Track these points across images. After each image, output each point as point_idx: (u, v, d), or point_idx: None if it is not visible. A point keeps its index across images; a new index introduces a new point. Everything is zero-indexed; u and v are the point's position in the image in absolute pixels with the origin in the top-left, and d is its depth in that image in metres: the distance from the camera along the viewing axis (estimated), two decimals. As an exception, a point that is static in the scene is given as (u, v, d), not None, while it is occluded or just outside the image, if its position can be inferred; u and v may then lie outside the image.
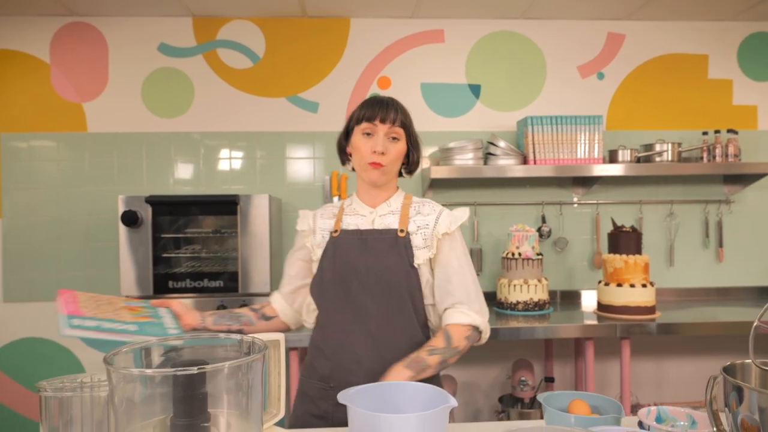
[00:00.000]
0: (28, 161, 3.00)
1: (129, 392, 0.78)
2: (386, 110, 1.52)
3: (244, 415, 0.84)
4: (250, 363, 0.82)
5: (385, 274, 1.49)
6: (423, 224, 1.57)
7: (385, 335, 1.49)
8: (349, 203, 1.65)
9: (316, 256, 1.58)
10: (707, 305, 2.97)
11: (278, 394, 0.94)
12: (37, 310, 3.00)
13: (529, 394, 2.73)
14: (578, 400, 1.22)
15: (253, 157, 3.07)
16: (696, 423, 1.17)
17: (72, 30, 3.02)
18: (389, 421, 0.99)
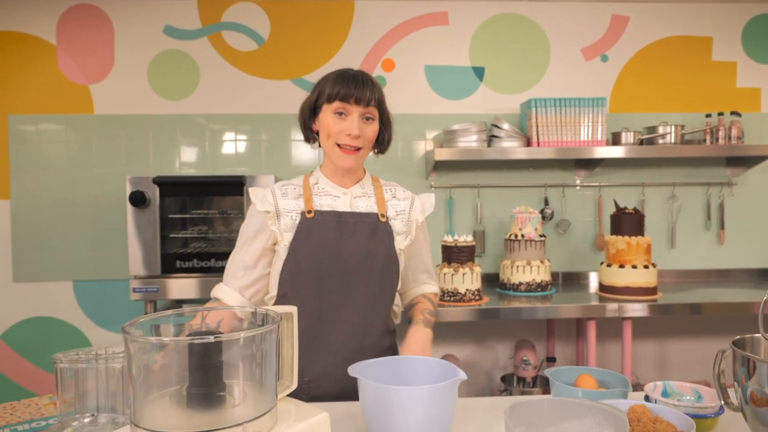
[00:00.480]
0: (35, 143, 2.99)
1: (146, 361, 0.78)
2: (362, 89, 1.40)
3: (258, 386, 0.84)
4: (264, 334, 0.82)
5: (367, 259, 1.43)
6: (400, 209, 1.54)
7: (364, 322, 1.44)
8: (314, 181, 1.53)
9: (286, 241, 1.43)
10: (708, 287, 2.96)
11: (291, 366, 0.95)
12: (45, 289, 3.01)
13: (531, 373, 2.74)
14: (585, 375, 1.23)
15: (258, 139, 3.06)
16: (702, 397, 1.18)
17: (78, 12, 2.99)
18: (400, 394, 1.00)
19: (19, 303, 3.01)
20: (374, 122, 1.46)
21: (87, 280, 3.01)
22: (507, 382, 2.80)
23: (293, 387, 0.94)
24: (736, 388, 0.96)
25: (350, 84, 1.40)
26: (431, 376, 1.13)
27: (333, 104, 1.41)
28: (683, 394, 1.21)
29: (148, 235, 2.43)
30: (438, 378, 1.11)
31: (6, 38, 2.97)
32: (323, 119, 1.44)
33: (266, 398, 0.83)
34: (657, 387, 1.21)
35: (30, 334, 3.02)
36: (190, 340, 0.75)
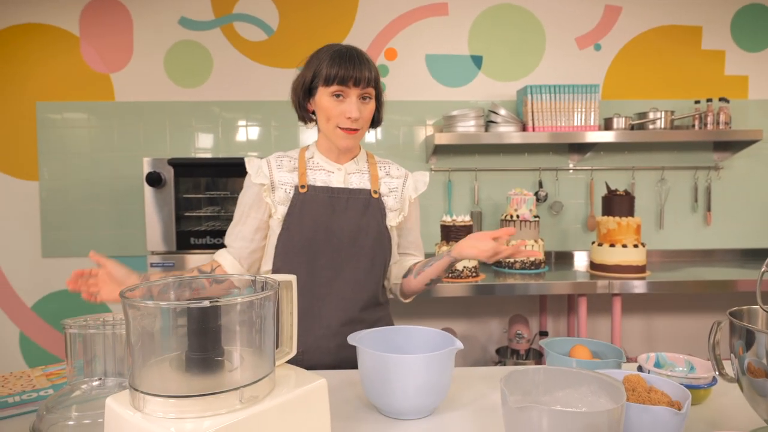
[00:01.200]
0: (61, 128, 2.94)
1: (144, 326, 0.72)
2: (360, 69, 1.29)
3: (257, 352, 0.78)
4: (262, 300, 0.76)
5: (359, 235, 1.35)
6: (393, 186, 1.45)
7: (355, 296, 1.36)
8: (310, 156, 1.43)
9: (279, 214, 1.35)
10: (694, 266, 2.88)
11: (290, 333, 0.88)
12: (71, 265, 2.97)
13: (524, 346, 2.67)
14: (579, 346, 1.15)
15: (268, 125, 2.98)
16: (694, 368, 1.10)
17: (99, 5, 2.92)
18: (398, 362, 0.93)
19: (47, 277, 2.98)
20: (371, 101, 1.35)
21: (109, 255, 2.95)
22: (501, 354, 2.74)
23: (292, 354, 0.88)
24: (733, 359, 0.89)
25: (348, 65, 1.29)
26: (429, 345, 1.07)
27: (330, 87, 1.30)
28: (675, 365, 1.14)
29: (164, 214, 2.38)
30: (436, 347, 1.05)
31: (33, 30, 2.90)
32: (320, 101, 1.32)
33: (264, 364, 0.77)
34: (650, 358, 1.14)
35: (58, 305, 2.99)
36: (187, 305, 0.69)
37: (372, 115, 1.38)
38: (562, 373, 0.85)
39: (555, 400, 0.86)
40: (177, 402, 0.66)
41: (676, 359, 1.14)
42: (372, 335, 1.06)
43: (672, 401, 0.88)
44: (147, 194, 2.39)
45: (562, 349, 1.16)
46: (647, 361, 1.13)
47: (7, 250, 2.96)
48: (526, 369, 0.84)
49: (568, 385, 0.86)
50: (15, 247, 2.96)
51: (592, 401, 0.84)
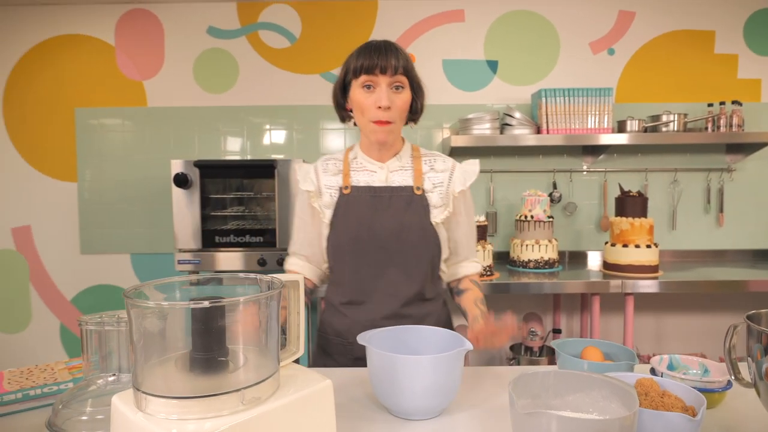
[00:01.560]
0: (98, 133, 2.95)
1: (146, 326, 0.68)
2: (386, 57, 1.20)
3: (262, 351, 0.74)
4: (266, 299, 0.71)
5: (402, 233, 1.27)
6: (438, 182, 1.33)
7: (401, 293, 1.29)
8: (353, 156, 1.36)
9: (327, 218, 1.31)
10: (706, 266, 2.76)
11: (297, 333, 0.84)
12: (108, 261, 2.99)
13: (538, 343, 2.60)
14: (591, 347, 1.08)
15: (291, 128, 2.96)
16: (708, 371, 1.03)
17: (133, 16, 2.93)
18: (405, 362, 0.88)
19: (85, 272, 3.00)
20: (404, 90, 1.25)
21: (142, 253, 2.97)
22: (515, 351, 2.67)
23: (299, 353, 0.83)
24: (750, 364, 0.82)
25: (373, 54, 1.21)
26: (439, 345, 1.02)
27: (360, 78, 1.22)
28: (689, 367, 1.06)
29: (190, 213, 2.36)
30: (445, 347, 0.99)
31: (72, 40, 2.92)
32: (353, 96, 1.26)
33: (268, 364, 0.73)
34: (663, 360, 1.07)
35: (95, 299, 3.01)
36: (188, 305, 0.65)
37: (406, 106, 1.27)
38: (573, 376, 0.79)
39: (565, 404, 0.80)
40: (179, 403, 0.63)
41: (690, 361, 1.07)
42: (383, 335, 1.02)
43: (686, 406, 0.82)
44: (175, 195, 2.37)
45: (574, 350, 1.10)
46: (660, 363, 1.06)
47: (49, 246, 2.99)
48: (536, 372, 0.78)
49: (580, 389, 0.80)
50: (56, 244, 2.98)
51: (604, 406, 0.78)
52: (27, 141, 2.95)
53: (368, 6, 2.91)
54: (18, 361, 3.00)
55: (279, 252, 2.41)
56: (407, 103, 1.27)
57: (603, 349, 1.09)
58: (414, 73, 1.28)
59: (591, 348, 1.06)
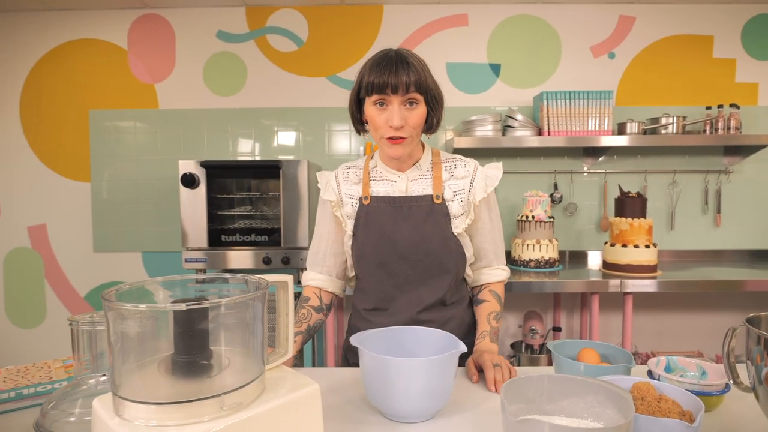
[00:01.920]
0: (111, 134, 2.93)
1: (124, 329, 0.64)
2: (396, 74, 1.11)
3: (246, 353, 0.69)
4: (250, 301, 0.67)
5: (422, 243, 1.20)
6: (458, 189, 1.24)
7: (424, 300, 1.23)
8: (374, 165, 1.29)
9: (349, 228, 1.27)
10: (704, 266, 2.70)
11: (287, 335, 0.79)
12: (119, 258, 2.96)
13: (538, 341, 2.54)
14: (588, 349, 1.03)
15: (298, 130, 2.92)
16: (706, 373, 0.97)
17: (145, 21, 2.90)
18: (398, 364, 0.83)
19: (98, 270, 2.98)
20: (419, 106, 1.16)
21: (152, 251, 2.94)
22: (516, 349, 2.61)
23: (288, 355, 0.79)
24: (749, 368, 0.77)
25: (383, 72, 1.12)
26: (433, 346, 0.97)
27: (372, 96, 1.15)
28: (687, 369, 1.01)
29: (197, 213, 2.32)
30: (440, 349, 0.94)
31: (87, 45, 2.90)
32: (367, 111, 1.18)
33: (253, 367, 0.68)
34: (660, 362, 1.01)
35: (107, 297, 2.98)
36: (163, 308, 0.61)
37: (421, 122, 1.18)
38: (568, 381, 0.74)
39: (559, 409, 0.75)
40: (158, 408, 0.58)
41: (688, 363, 1.01)
42: (377, 335, 0.97)
43: (683, 411, 0.76)
44: (182, 194, 2.34)
45: (571, 352, 1.05)
46: (657, 366, 1.00)
47: (63, 244, 2.97)
48: (530, 377, 0.73)
49: (574, 394, 0.75)
50: (70, 242, 2.96)
51: (599, 412, 0.73)
52: (43, 142, 2.93)
53: (374, 10, 2.86)
54: (33, 355, 2.98)
55: (284, 251, 2.37)
56: (422, 118, 1.18)
57: (600, 351, 1.04)
58: (429, 86, 1.17)
59: (587, 350, 1.01)
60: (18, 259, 2.97)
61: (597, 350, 1.04)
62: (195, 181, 2.27)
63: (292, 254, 2.34)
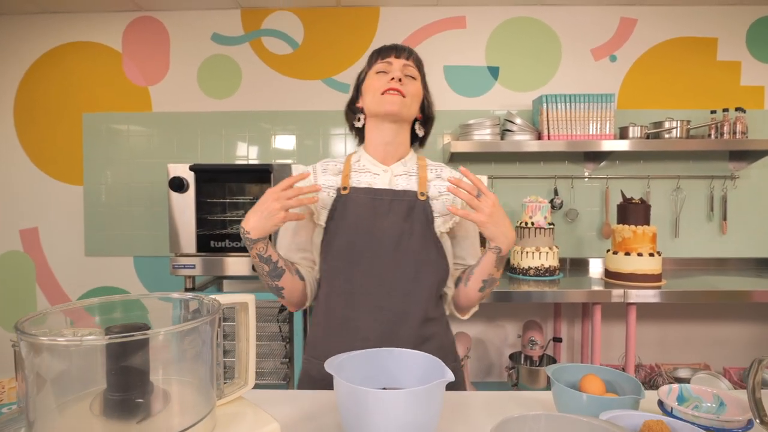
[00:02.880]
0: (105, 137, 2.83)
1: (42, 363, 0.53)
2: (401, 48, 1.18)
3: (195, 385, 0.58)
4: (193, 329, 0.56)
5: (402, 239, 1.09)
6: (444, 189, 1.18)
7: (397, 308, 1.10)
8: (357, 159, 1.21)
9: (321, 219, 1.14)
10: (709, 274, 2.57)
11: (247, 363, 0.68)
12: (112, 263, 2.86)
13: (537, 352, 2.42)
14: (591, 376, 0.89)
15: (293, 133, 2.81)
16: (724, 404, 0.85)
17: (140, 23, 2.81)
18: (377, 397, 0.72)
19: (89, 274, 2.87)
20: (416, 81, 1.18)
21: (144, 255, 2.84)
22: (515, 360, 2.49)
23: (249, 386, 0.68)
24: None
25: (389, 46, 1.19)
26: (418, 372, 0.85)
27: (375, 65, 1.17)
28: (702, 399, 0.88)
29: (186, 217, 2.22)
30: (424, 376, 0.83)
31: (81, 48, 2.81)
32: (367, 83, 1.18)
33: (201, 403, 0.57)
34: (672, 391, 0.89)
35: (100, 302, 2.88)
36: (79, 341, 0.50)
37: (419, 97, 1.18)
38: (568, 422, 0.62)
39: (560, 452, 0.63)
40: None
41: (703, 393, 0.89)
42: (355, 358, 0.86)
43: (704, 454, 0.65)
44: (170, 198, 2.23)
45: (572, 378, 0.93)
46: (669, 395, 0.88)
47: (55, 248, 2.87)
48: (524, 417, 0.62)
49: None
50: (61, 245, 2.87)
51: (606, 458, 0.61)
52: (36, 145, 2.84)
53: (370, 13, 2.76)
54: (23, 361, 2.88)
55: (275, 257, 2.25)
56: (419, 92, 1.19)
57: (604, 377, 0.92)
58: (424, 74, 1.23)
59: (590, 377, 0.89)
60: (9, 262, 2.87)
61: (601, 376, 0.92)
62: (184, 185, 2.16)
63: (283, 261, 2.23)
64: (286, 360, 2.33)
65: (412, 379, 0.86)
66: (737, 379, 2.50)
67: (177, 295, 0.67)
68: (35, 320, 0.58)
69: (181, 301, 0.67)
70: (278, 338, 2.36)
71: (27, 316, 0.54)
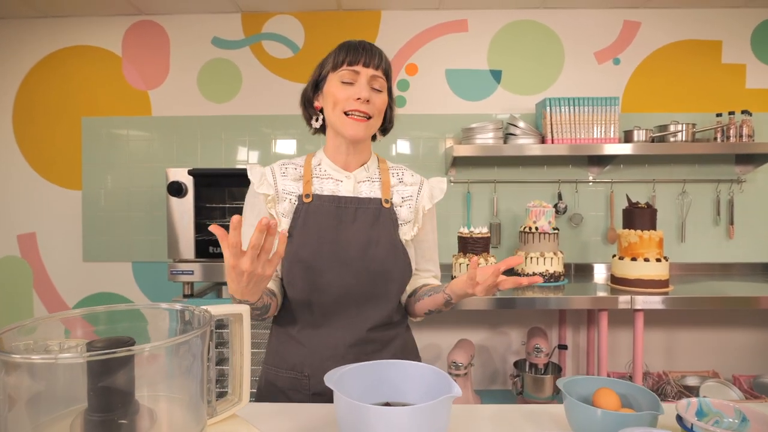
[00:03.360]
0: (104, 141, 2.79)
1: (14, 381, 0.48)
2: (370, 53, 1.07)
3: (183, 403, 0.53)
4: (183, 343, 0.51)
5: (369, 248, 1.07)
6: (407, 195, 1.16)
7: (364, 315, 1.09)
8: (317, 163, 1.16)
9: (284, 226, 1.09)
10: (717, 280, 2.51)
11: (241, 378, 0.63)
12: (109, 269, 2.81)
13: (543, 360, 2.36)
14: (605, 389, 0.84)
15: (294, 137, 2.77)
16: (747, 420, 0.80)
17: (140, 27, 2.77)
18: (381, 414, 0.66)
19: (87, 280, 2.82)
20: (383, 93, 1.11)
21: (143, 261, 2.79)
22: (519, 368, 2.42)
23: (243, 404, 0.62)
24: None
25: (358, 49, 1.08)
26: (422, 386, 0.80)
27: (339, 71, 1.07)
28: (723, 414, 0.83)
29: (184, 222, 2.17)
30: (430, 390, 0.78)
31: (81, 51, 2.78)
32: (329, 89, 1.09)
33: (190, 422, 0.52)
34: (691, 405, 0.84)
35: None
36: (54, 359, 0.45)
37: (383, 108, 1.12)
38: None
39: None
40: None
41: (724, 407, 0.83)
42: (357, 370, 0.80)
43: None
44: (169, 203, 2.18)
45: (584, 391, 0.87)
46: (688, 410, 0.83)
47: (52, 253, 2.82)
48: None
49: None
50: (59, 251, 2.82)
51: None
52: (35, 149, 2.80)
53: (371, 16, 2.72)
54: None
55: (275, 263, 2.20)
56: (384, 103, 1.12)
57: (618, 390, 0.87)
58: (391, 80, 1.15)
59: (605, 390, 0.83)
60: (6, 268, 2.83)
61: (615, 390, 0.86)
62: (182, 189, 2.11)
63: (283, 267, 2.18)
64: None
65: (416, 393, 0.81)
66: (747, 387, 2.44)
67: (166, 306, 0.62)
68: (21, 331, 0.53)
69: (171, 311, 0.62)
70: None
71: (5, 327, 0.49)
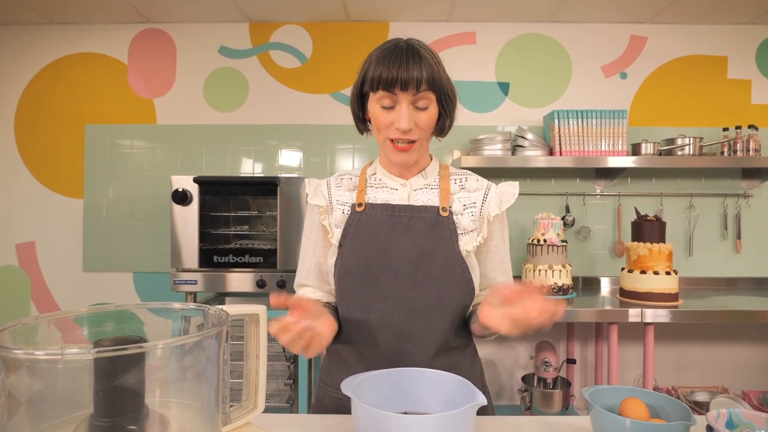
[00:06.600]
0: (107, 149, 2.74)
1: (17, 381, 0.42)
2: (407, 68, 0.92)
3: (196, 408, 0.47)
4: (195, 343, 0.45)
5: (422, 260, 0.98)
6: (469, 203, 1.04)
7: (416, 335, 0.98)
8: (372, 172, 1.09)
9: (335, 238, 1.03)
10: (725, 294, 2.46)
11: (256, 384, 0.57)
12: (110, 279, 2.74)
13: (551, 374, 2.29)
14: (632, 399, 0.79)
15: (300, 147, 2.72)
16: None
17: (147, 35, 2.75)
18: (400, 422, 0.60)
19: (86, 291, 2.75)
20: (430, 106, 0.97)
21: (144, 271, 2.72)
22: (528, 382, 2.35)
23: (259, 410, 0.57)
24: None
25: (392, 66, 0.93)
26: (442, 395, 0.74)
27: (377, 93, 0.96)
28: (754, 426, 0.77)
29: (189, 231, 2.11)
30: (451, 399, 0.72)
31: (86, 58, 2.75)
32: (371, 110, 0.99)
33: (204, 427, 0.46)
34: (721, 416, 0.78)
35: (97, 319, 2.74)
36: (60, 355, 0.39)
37: (431, 123, 0.99)
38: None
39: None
40: None
41: (754, 418, 0.78)
42: (375, 379, 0.74)
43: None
44: (175, 212, 2.13)
45: (610, 401, 0.82)
46: (717, 420, 0.77)
47: (52, 263, 2.75)
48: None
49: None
50: (58, 260, 2.75)
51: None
52: (36, 157, 2.75)
53: (379, 27, 2.71)
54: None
55: (280, 273, 2.14)
56: (433, 119, 0.99)
57: (646, 401, 0.81)
58: (442, 82, 0.98)
59: (632, 400, 0.78)
60: (3, 278, 2.75)
61: (643, 400, 0.80)
62: (187, 197, 2.06)
63: (289, 277, 2.12)
64: (290, 381, 2.20)
65: (438, 403, 0.75)
66: (757, 402, 2.37)
67: (179, 306, 0.56)
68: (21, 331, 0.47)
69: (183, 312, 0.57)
70: (281, 358, 2.23)
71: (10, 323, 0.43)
